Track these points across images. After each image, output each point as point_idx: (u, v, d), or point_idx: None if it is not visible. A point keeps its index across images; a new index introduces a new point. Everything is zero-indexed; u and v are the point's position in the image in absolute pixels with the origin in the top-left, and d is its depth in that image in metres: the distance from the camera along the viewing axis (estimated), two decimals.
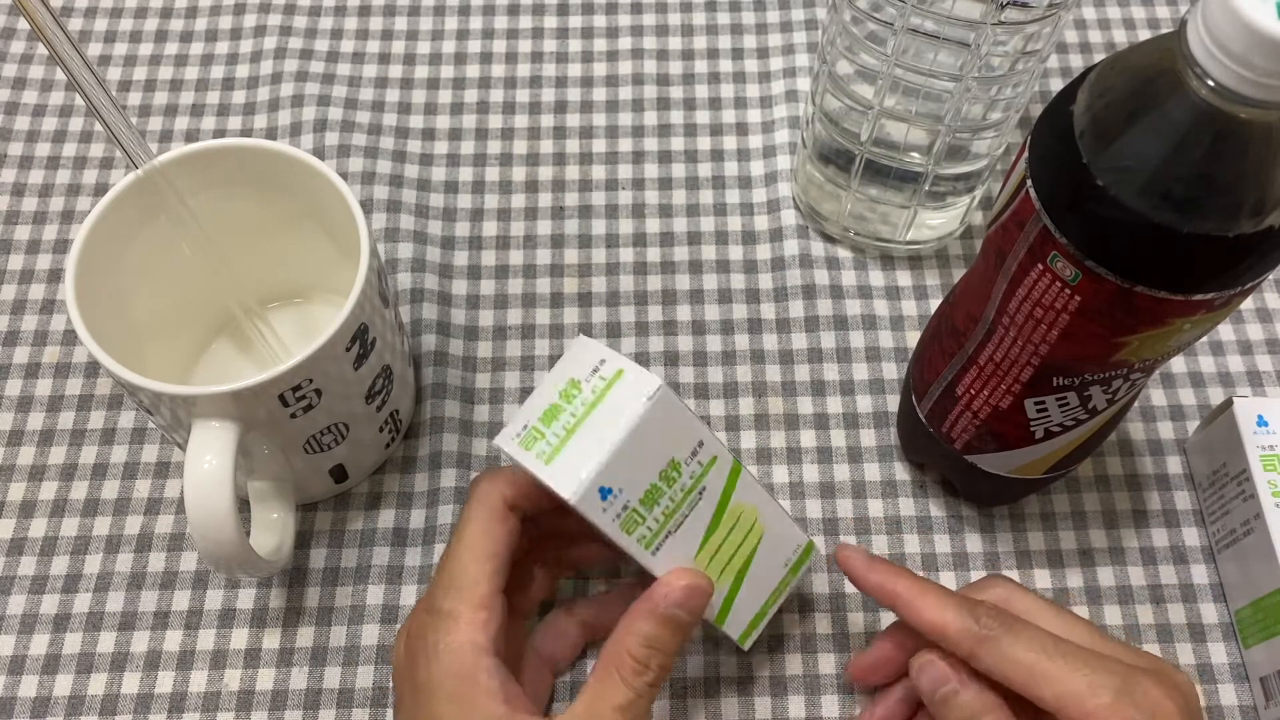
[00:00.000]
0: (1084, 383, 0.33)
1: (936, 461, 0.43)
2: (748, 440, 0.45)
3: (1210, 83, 0.25)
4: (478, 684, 0.32)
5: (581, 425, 0.32)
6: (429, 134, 0.52)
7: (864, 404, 0.46)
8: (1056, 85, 0.54)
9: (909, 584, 0.34)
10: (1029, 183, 0.30)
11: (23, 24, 0.54)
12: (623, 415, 0.32)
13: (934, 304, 0.48)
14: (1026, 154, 0.30)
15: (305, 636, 0.41)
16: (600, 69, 0.54)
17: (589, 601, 0.40)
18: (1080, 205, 0.28)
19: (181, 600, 0.41)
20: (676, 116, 0.53)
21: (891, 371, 0.46)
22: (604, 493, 0.31)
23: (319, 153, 0.50)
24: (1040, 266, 0.30)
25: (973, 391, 0.37)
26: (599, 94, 0.53)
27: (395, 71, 0.53)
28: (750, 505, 0.36)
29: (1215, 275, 0.28)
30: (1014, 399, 0.35)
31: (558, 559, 0.39)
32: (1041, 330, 0.32)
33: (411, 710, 0.33)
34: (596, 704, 0.32)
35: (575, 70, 0.54)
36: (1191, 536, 0.43)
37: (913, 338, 0.47)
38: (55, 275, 0.48)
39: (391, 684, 0.35)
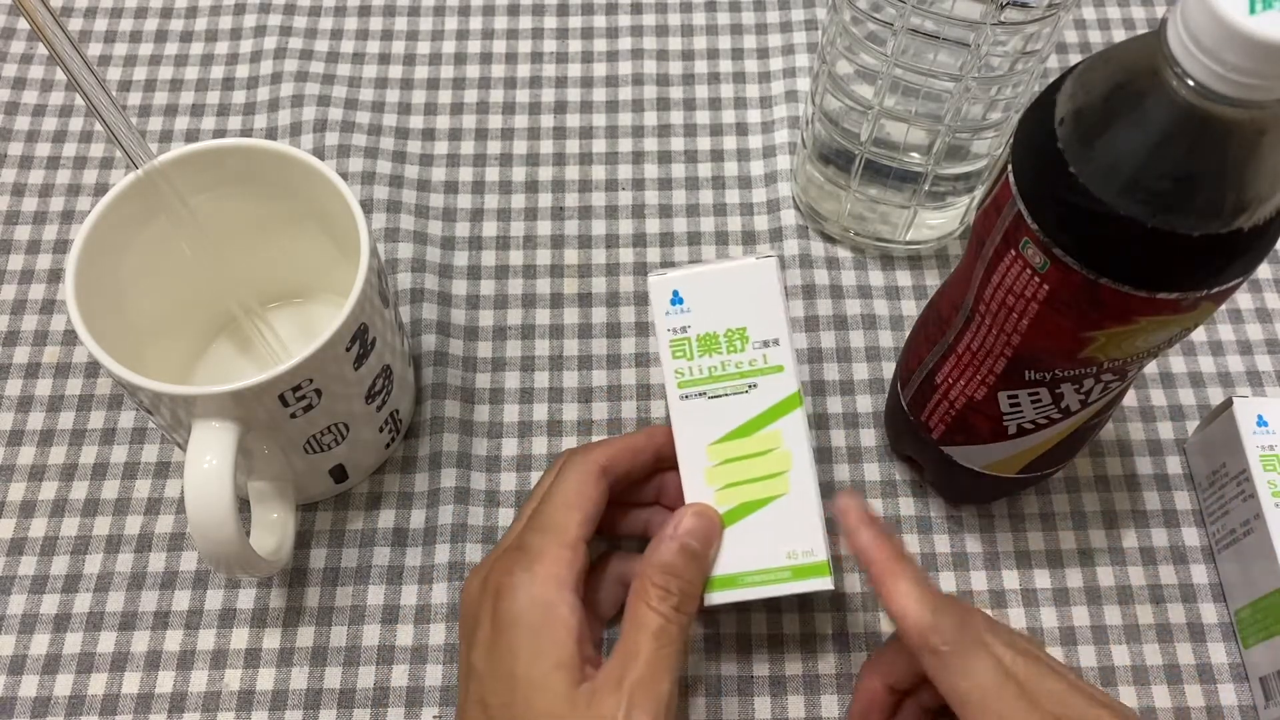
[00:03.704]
0: (1055, 379, 0.34)
1: (915, 451, 0.43)
2: None
3: (1189, 81, 0.25)
4: (558, 619, 0.33)
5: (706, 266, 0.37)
6: (429, 134, 0.52)
7: (864, 404, 0.46)
8: None
9: (888, 560, 0.33)
10: (1009, 168, 0.30)
11: (23, 24, 0.54)
12: (731, 261, 0.36)
13: None
14: (1012, 139, 0.30)
15: (305, 636, 0.41)
16: (600, 69, 0.54)
17: (623, 556, 0.39)
18: (1051, 191, 0.29)
19: (181, 600, 0.41)
20: (676, 117, 0.53)
21: (891, 371, 0.46)
22: (676, 298, 0.34)
23: (319, 153, 0.50)
24: (1013, 253, 0.30)
25: (950, 380, 0.37)
26: (599, 94, 0.53)
27: (395, 72, 0.53)
28: (786, 451, 0.36)
29: (1179, 274, 0.28)
30: (988, 390, 0.36)
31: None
32: (1013, 319, 0.32)
33: (490, 640, 0.33)
34: (633, 636, 0.33)
35: (575, 70, 0.54)
36: (1191, 536, 0.43)
37: None
38: (55, 275, 0.48)
39: (460, 622, 0.36)
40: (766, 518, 0.35)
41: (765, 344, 0.36)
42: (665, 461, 0.38)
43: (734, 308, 0.36)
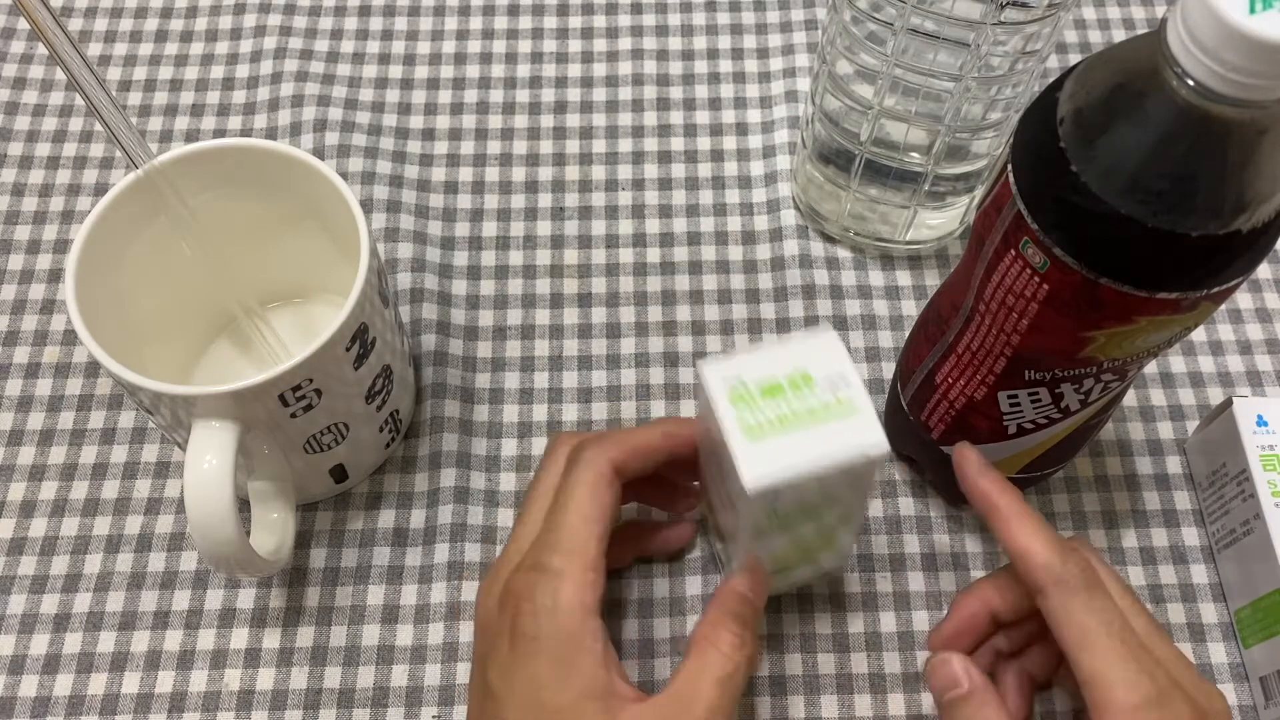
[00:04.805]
0: (1055, 379, 0.34)
1: (915, 451, 0.43)
2: None
3: (1189, 81, 0.25)
4: (583, 647, 0.32)
5: (796, 429, 0.32)
6: (429, 134, 0.52)
7: None
8: None
9: (1011, 501, 0.33)
10: (1009, 168, 0.30)
11: (23, 24, 0.54)
12: (837, 451, 0.31)
13: None
14: (1012, 140, 0.30)
15: (305, 636, 0.41)
16: (600, 69, 0.54)
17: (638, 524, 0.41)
18: (1051, 191, 0.29)
19: (181, 600, 0.41)
20: (676, 117, 0.53)
21: (891, 372, 0.46)
22: (770, 494, 0.32)
23: (319, 153, 0.50)
24: (1013, 253, 0.30)
25: (950, 380, 0.37)
26: (599, 94, 0.53)
27: (395, 72, 0.53)
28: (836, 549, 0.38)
29: (1179, 274, 0.28)
30: (988, 390, 0.36)
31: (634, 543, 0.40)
32: (1013, 319, 0.32)
33: (508, 663, 0.32)
34: (697, 678, 0.32)
35: (575, 71, 0.54)
36: (1191, 536, 0.43)
37: None
38: (55, 275, 0.48)
39: (476, 639, 0.35)
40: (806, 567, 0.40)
41: (844, 519, 0.36)
42: (677, 464, 0.37)
43: (832, 497, 0.34)
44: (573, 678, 0.31)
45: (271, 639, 0.41)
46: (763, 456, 0.31)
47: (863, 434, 0.32)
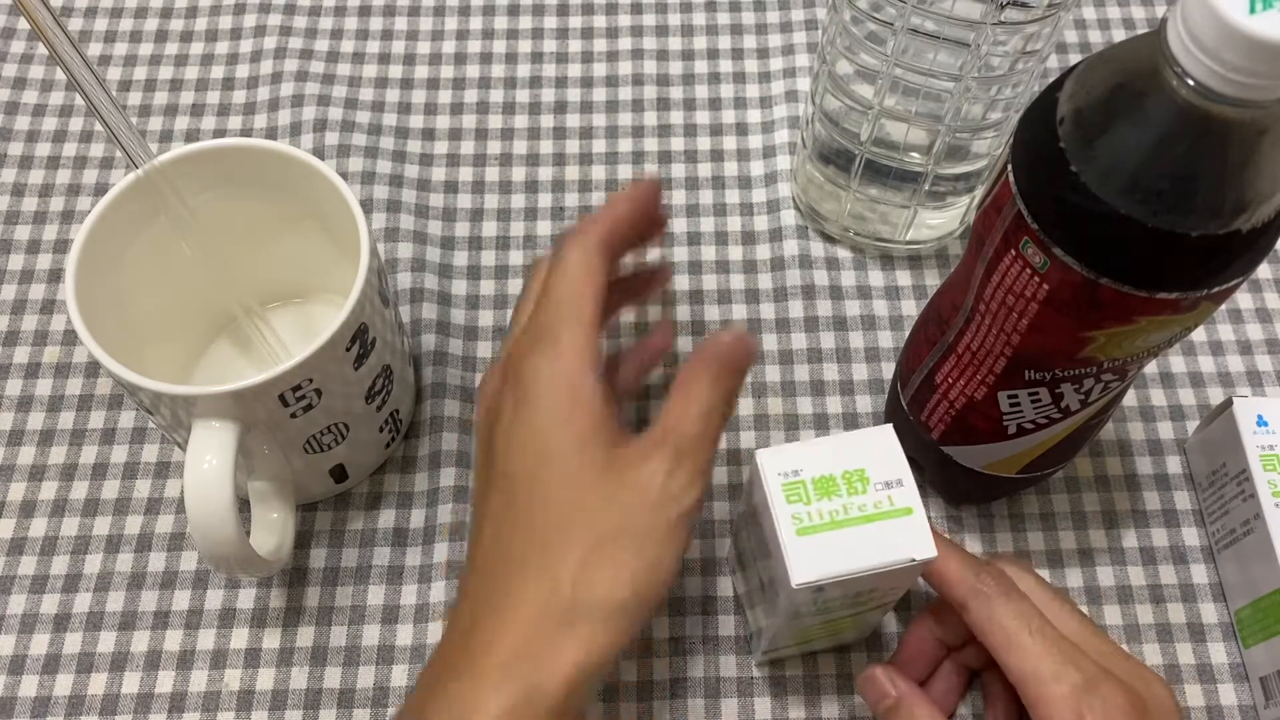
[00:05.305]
0: (1055, 378, 0.34)
1: (915, 451, 0.43)
2: (747, 440, 0.45)
3: (1189, 81, 0.25)
4: (585, 390, 0.31)
5: (846, 527, 0.32)
6: (429, 134, 0.52)
7: (863, 404, 0.46)
8: None
9: None
10: (1009, 168, 0.30)
11: (23, 24, 0.54)
12: (884, 552, 0.32)
13: None
14: (1012, 140, 0.30)
15: (305, 636, 0.41)
16: (600, 69, 0.54)
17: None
18: (1051, 191, 0.29)
19: (181, 600, 0.41)
20: (676, 117, 0.53)
21: (891, 372, 0.46)
22: (818, 590, 0.33)
23: (319, 153, 0.50)
24: (1013, 253, 0.30)
25: (950, 380, 0.37)
26: (599, 94, 0.53)
27: (395, 71, 0.53)
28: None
29: (1179, 274, 0.28)
30: (988, 390, 0.36)
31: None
32: (1013, 319, 0.32)
33: (512, 419, 0.32)
34: (681, 413, 0.32)
35: (575, 70, 0.54)
36: (1191, 536, 0.43)
37: None
38: (55, 275, 0.48)
39: (480, 418, 0.34)
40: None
41: (882, 606, 0.37)
42: (655, 221, 0.37)
43: (876, 590, 0.35)
44: (576, 419, 0.31)
45: (271, 639, 0.41)
46: (811, 553, 0.32)
47: (911, 536, 0.32)
